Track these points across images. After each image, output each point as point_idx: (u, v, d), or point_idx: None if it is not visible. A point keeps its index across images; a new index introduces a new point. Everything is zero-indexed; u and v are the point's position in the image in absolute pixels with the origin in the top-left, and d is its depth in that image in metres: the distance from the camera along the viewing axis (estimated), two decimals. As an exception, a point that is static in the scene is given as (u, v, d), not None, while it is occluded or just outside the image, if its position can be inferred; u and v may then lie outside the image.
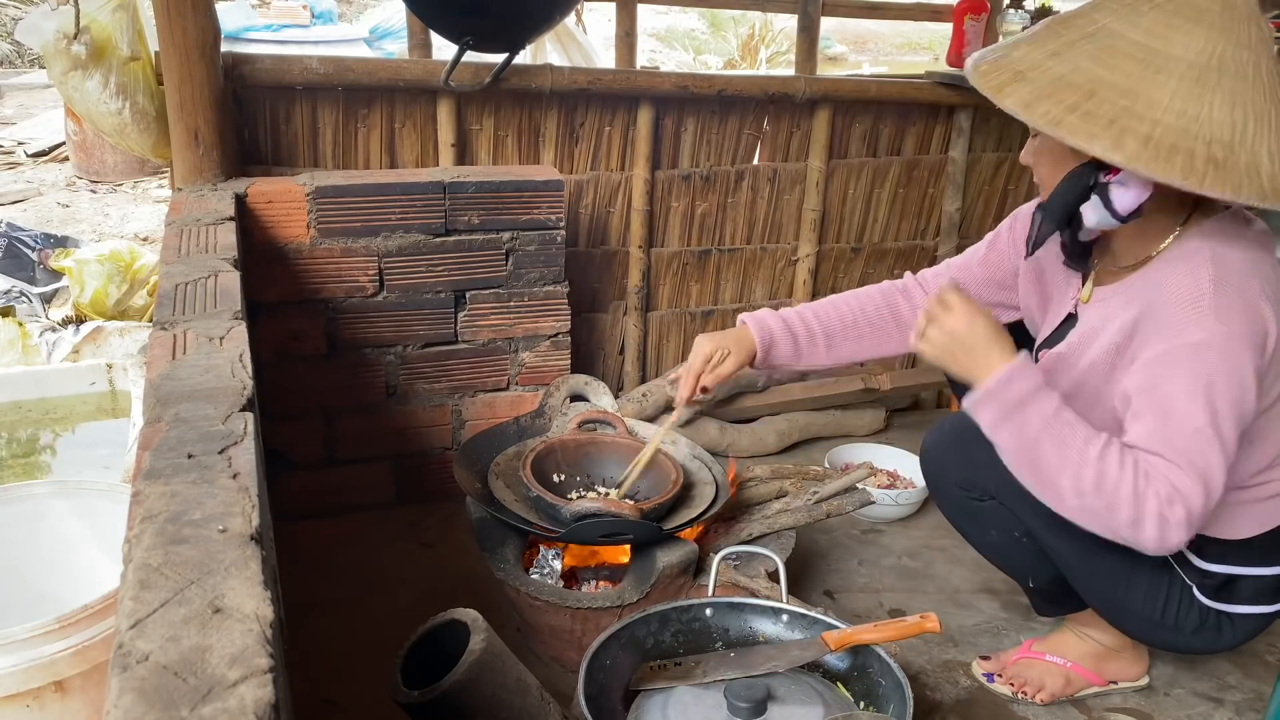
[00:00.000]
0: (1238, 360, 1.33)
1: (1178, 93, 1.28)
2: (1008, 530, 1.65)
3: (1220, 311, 1.34)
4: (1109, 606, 1.63)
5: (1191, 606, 1.55)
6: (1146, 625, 1.60)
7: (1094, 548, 1.48)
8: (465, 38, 2.17)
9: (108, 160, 5.45)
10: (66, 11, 2.05)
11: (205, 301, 1.47)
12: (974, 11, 2.70)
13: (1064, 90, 1.32)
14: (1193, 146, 1.26)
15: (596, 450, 1.99)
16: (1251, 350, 1.34)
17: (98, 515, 1.73)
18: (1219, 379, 1.32)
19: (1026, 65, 1.37)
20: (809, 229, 2.77)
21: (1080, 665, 1.79)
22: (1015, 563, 1.73)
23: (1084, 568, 1.59)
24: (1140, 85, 1.29)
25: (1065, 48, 1.35)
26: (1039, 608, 1.81)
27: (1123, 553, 1.43)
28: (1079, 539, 1.46)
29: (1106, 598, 1.61)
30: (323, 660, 1.79)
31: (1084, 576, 1.61)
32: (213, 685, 0.71)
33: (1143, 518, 1.31)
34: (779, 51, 9.94)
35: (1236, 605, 1.55)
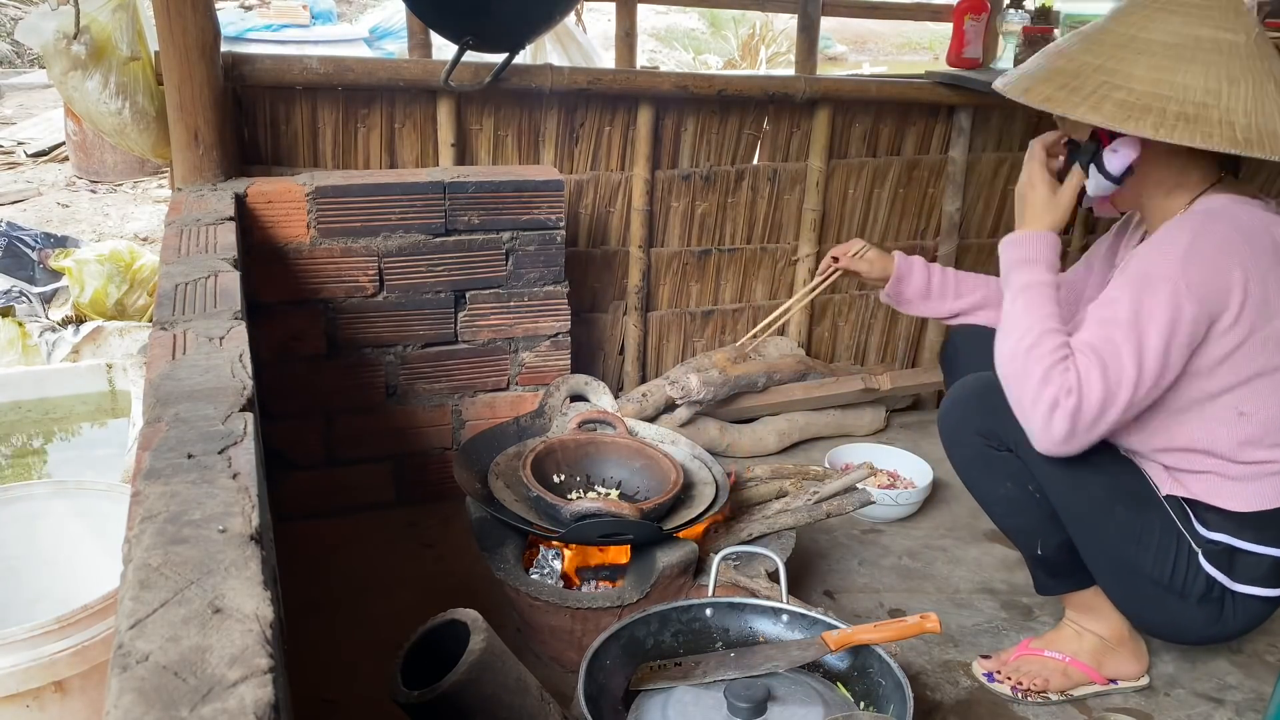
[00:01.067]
0: (1180, 305, 1.46)
1: (1152, 66, 1.46)
2: (1022, 483, 1.66)
3: (1186, 260, 1.47)
4: (1117, 569, 1.63)
5: (1199, 573, 1.58)
6: (1155, 589, 1.60)
7: (1106, 503, 1.58)
8: (465, 38, 2.17)
9: (108, 160, 5.45)
10: (66, 11, 2.05)
11: (205, 301, 1.47)
12: (974, 11, 2.70)
13: (1057, 76, 1.53)
14: (1164, 106, 1.43)
15: (596, 450, 1.99)
16: (1199, 305, 1.46)
17: (98, 515, 1.73)
18: (1157, 312, 1.46)
19: (1033, 67, 1.59)
20: (809, 229, 2.77)
21: (1078, 660, 1.79)
22: (1025, 522, 1.71)
23: (1095, 523, 1.61)
24: (1119, 64, 1.48)
25: (1067, 47, 1.57)
26: (1041, 584, 1.80)
27: (1134, 510, 1.57)
28: (1093, 494, 1.59)
29: (1116, 558, 1.62)
30: (323, 660, 1.79)
31: (1094, 534, 1.62)
32: (213, 685, 0.71)
33: (1040, 399, 1.48)
34: (779, 52, 9.94)
35: (1237, 582, 1.57)
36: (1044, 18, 2.66)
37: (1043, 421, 1.48)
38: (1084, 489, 1.60)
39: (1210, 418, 1.55)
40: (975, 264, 2.98)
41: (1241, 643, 1.97)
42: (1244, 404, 1.54)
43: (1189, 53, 1.46)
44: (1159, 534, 1.59)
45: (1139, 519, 1.59)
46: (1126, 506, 1.58)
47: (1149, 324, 1.47)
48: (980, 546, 2.29)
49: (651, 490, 1.89)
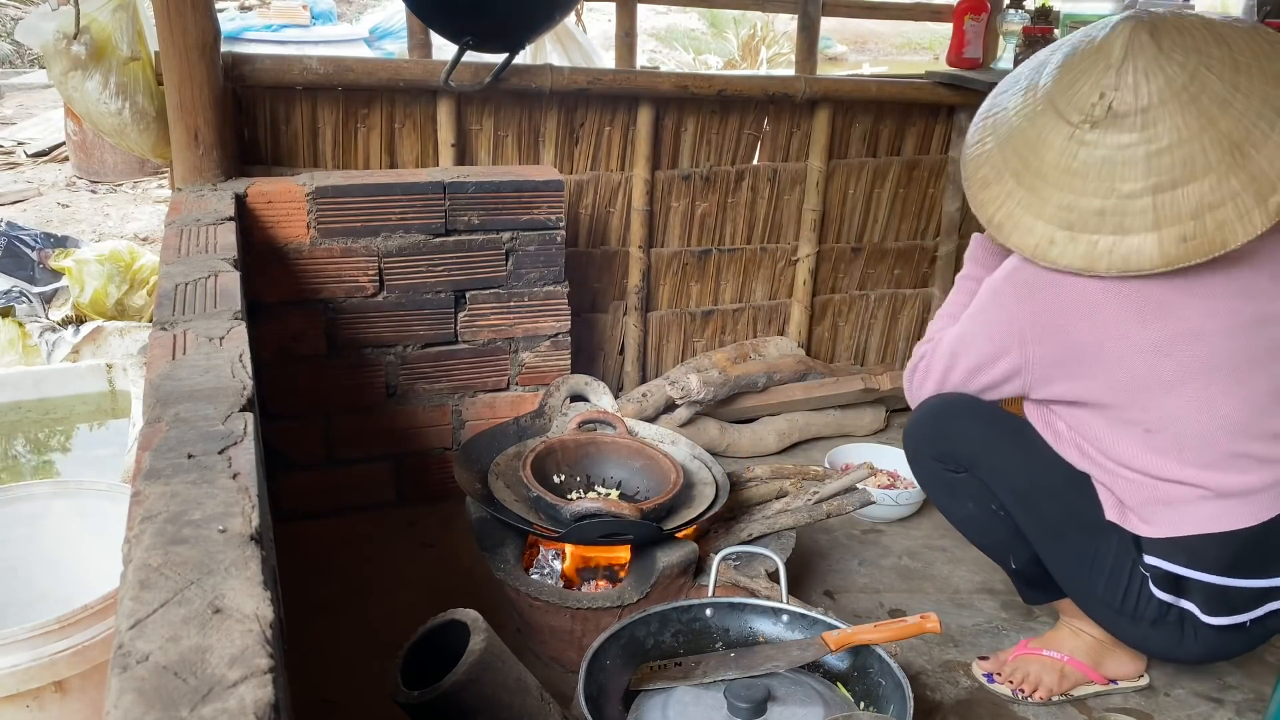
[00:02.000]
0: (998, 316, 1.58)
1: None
2: (984, 503, 1.68)
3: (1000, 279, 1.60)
4: (1076, 589, 1.64)
5: (1151, 599, 1.55)
6: (1109, 613, 1.61)
7: (1059, 526, 1.59)
8: (465, 38, 2.17)
9: (108, 160, 5.45)
10: (66, 11, 2.05)
11: (205, 301, 1.47)
12: (974, 11, 2.70)
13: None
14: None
15: (596, 450, 1.99)
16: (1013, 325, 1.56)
17: (98, 515, 1.73)
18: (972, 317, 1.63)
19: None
20: (809, 229, 2.77)
21: (1075, 659, 1.79)
22: (993, 539, 1.73)
23: (1051, 546, 1.63)
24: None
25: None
26: (1025, 594, 1.82)
27: (1086, 534, 1.56)
28: (1045, 516, 1.60)
29: (1072, 579, 1.63)
30: (323, 660, 1.79)
31: (1052, 557, 1.64)
32: (213, 685, 0.71)
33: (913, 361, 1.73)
34: (779, 52, 9.94)
35: (1195, 609, 1.53)
36: (1044, 18, 2.66)
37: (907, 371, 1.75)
38: (1037, 511, 1.61)
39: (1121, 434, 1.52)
40: (975, 264, 2.98)
41: (1241, 643, 1.97)
42: (1146, 420, 1.50)
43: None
44: (1111, 559, 1.56)
45: (1090, 543, 1.57)
46: (1079, 530, 1.57)
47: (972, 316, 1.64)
48: (980, 546, 2.29)
49: (651, 490, 1.89)
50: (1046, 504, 1.60)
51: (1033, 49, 2.63)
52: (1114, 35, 1.46)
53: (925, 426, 1.72)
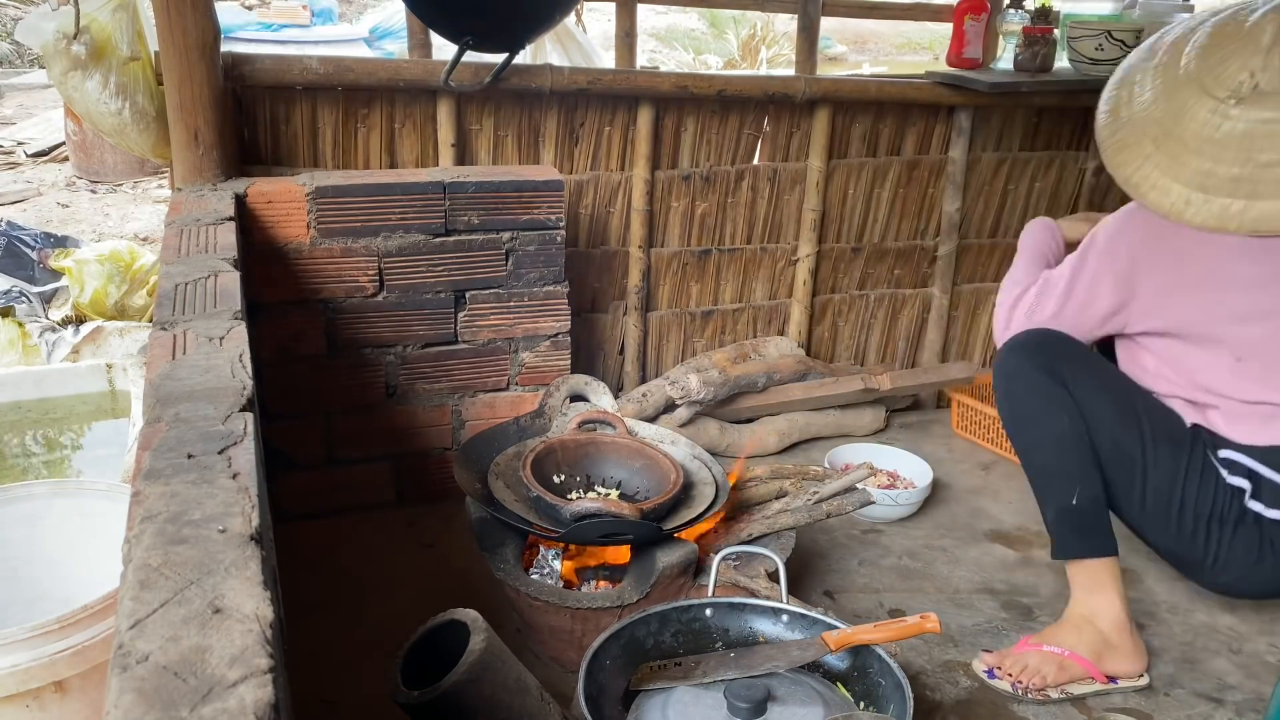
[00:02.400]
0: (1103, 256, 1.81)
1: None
2: (1076, 421, 1.81)
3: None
4: (1161, 506, 1.79)
5: (1230, 495, 1.75)
6: (1196, 523, 1.77)
7: (1154, 439, 1.78)
8: (465, 38, 2.17)
9: (108, 160, 5.45)
10: (66, 11, 2.05)
11: (205, 301, 1.47)
12: (974, 11, 2.70)
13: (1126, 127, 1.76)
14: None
15: (596, 450, 1.99)
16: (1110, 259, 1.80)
17: (98, 515, 1.73)
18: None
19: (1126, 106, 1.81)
20: (809, 229, 2.77)
21: (1076, 653, 1.80)
22: (1069, 464, 1.82)
23: (1144, 459, 1.79)
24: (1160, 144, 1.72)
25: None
26: (1064, 544, 1.85)
27: (1177, 444, 1.78)
28: (1142, 430, 1.79)
29: (1159, 495, 1.78)
30: (323, 660, 1.79)
31: (1140, 473, 1.79)
32: (213, 685, 0.71)
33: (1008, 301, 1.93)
34: (779, 52, 9.94)
35: (1266, 507, 1.73)
36: (1044, 18, 2.66)
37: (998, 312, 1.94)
38: (1136, 425, 1.79)
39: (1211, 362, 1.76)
40: (975, 264, 2.98)
41: (1241, 642, 1.97)
42: (1238, 350, 1.74)
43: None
44: (1200, 466, 1.76)
45: (1181, 452, 1.77)
46: (1169, 444, 1.78)
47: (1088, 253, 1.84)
48: (980, 546, 2.29)
49: (651, 490, 1.89)
50: (1144, 419, 1.80)
51: (1033, 49, 2.63)
52: (1265, 22, 1.64)
53: (1033, 343, 1.89)
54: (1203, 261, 1.73)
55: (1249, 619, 2.05)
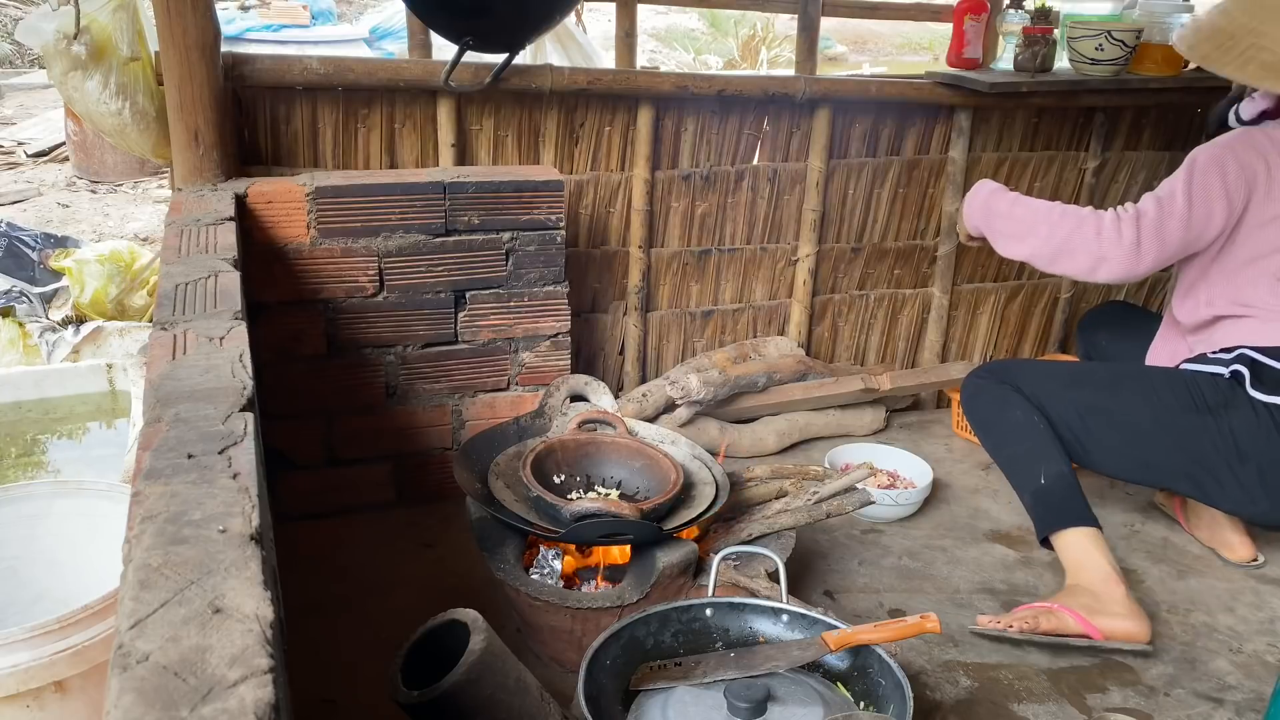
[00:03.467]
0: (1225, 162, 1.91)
1: None
2: (1029, 413, 1.97)
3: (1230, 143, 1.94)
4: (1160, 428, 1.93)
5: (1235, 389, 1.89)
6: (1182, 417, 1.91)
7: (1114, 380, 1.99)
8: (465, 38, 2.17)
9: (108, 160, 5.45)
10: (66, 12, 2.05)
11: (205, 301, 1.47)
12: (974, 11, 2.70)
13: (1218, 35, 1.90)
14: None
15: (596, 450, 1.99)
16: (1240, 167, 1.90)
17: (98, 515, 1.73)
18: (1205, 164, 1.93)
19: (1204, 22, 1.96)
20: (809, 229, 2.77)
21: (1066, 606, 1.86)
22: (1033, 446, 1.96)
23: (1110, 397, 1.96)
24: (1266, 25, 1.83)
25: (1232, 6, 1.92)
26: (1043, 521, 1.96)
27: (1139, 378, 1.97)
28: (1097, 380, 2.01)
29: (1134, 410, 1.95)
30: (323, 660, 1.79)
31: (1109, 409, 1.95)
32: (213, 685, 0.71)
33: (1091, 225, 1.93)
34: (779, 53, 9.94)
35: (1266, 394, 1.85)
36: (1044, 18, 2.65)
37: (1109, 236, 1.90)
38: (1083, 385, 1.99)
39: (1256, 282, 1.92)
40: (975, 263, 2.98)
41: (1241, 642, 1.97)
42: None
43: None
44: (1166, 376, 1.96)
45: (1140, 379, 1.97)
46: (1130, 377, 1.99)
47: (1197, 171, 1.91)
48: (980, 546, 2.29)
49: (651, 490, 1.89)
50: (1094, 374, 2.07)
51: (1033, 49, 2.63)
52: None
53: (985, 370, 2.12)
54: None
55: (1249, 619, 2.05)
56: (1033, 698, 1.80)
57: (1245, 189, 1.89)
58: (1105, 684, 1.84)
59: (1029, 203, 2.05)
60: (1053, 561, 2.22)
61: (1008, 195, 2.09)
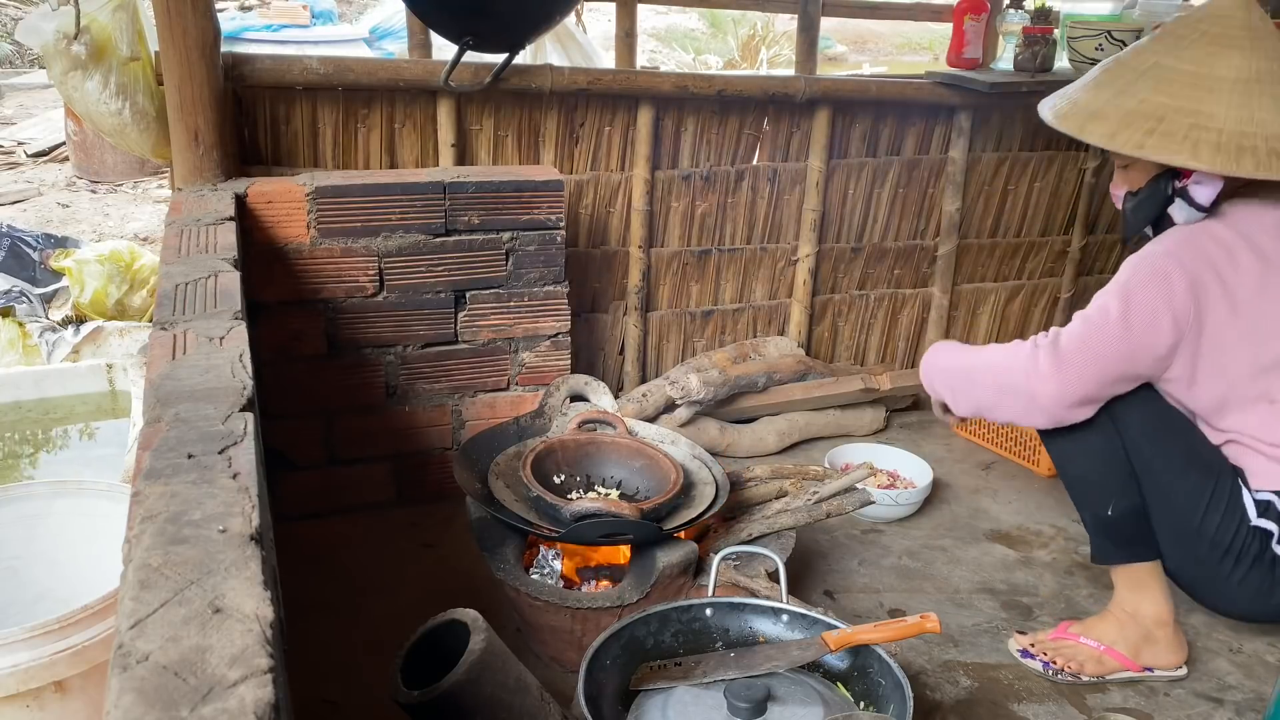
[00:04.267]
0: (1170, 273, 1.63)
1: (1230, 104, 1.59)
2: (1110, 439, 1.74)
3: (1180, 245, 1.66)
4: (1183, 530, 1.72)
5: (1252, 534, 1.68)
6: (1212, 553, 1.70)
7: (1183, 466, 1.71)
8: (465, 38, 2.17)
9: (108, 160, 5.45)
10: (66, 12, 2.05)
11: (205, 301, 1.47)
12: (974, 11, 2.70)
13: (1138, 120, 1.64)
14: (1255, 144, 1.57)
15: (596, 450, 1.99)
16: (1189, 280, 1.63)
17: (98, 515, 1.73)
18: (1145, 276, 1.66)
19: (1099, 105, 1.70)
20: (809, 229, 2.77)
21: (1115, 650, 1.82)
22: (1106, 477, 1.76)
23: (1171, 483, 1.72)
24: (1199, 104, 1.60)
25: (1127, 85, 1.69)
26: (1102, 551, 1.83)
27: (1205, 475, 1.70)
28: (1172, 453, 1.72)
29: (1183, 518, 1.71)
30: (323, 660, 1.79)
31: (1166, 494, 1.72)
32: (213, 685, 0.71)
33: (1017, 359, 1.69)
34: (779, 53, 9.93)
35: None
36: (1044, 18, 2.66)
37: (1027, 368, 1.67)
38: (1165, 447, 1.72)
39: (1245, 410, 1.68)
40: (975, 264, 2.98)
41: (1241, 642, 1.97)
42: (1273, 391, 1.66)
43: (1257, 87, 1.60)
44: (1226, 497, 1.69)
45: (1207, 483, 1.70)
46: (1200, 472, 1.70)
47: (1138, 285, 1.65)
48: (980, 546, 2.29)
49: (651, 490, 1.89)
50: (1175, 441, 1.72)
51: (1033, 49, 2.63)
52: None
53: None
54: (1248, 303, 1.64)
55: (1249, 619, 2.05)
56: (1033, 698, 1.80)
57: (1194, 305, 1.63)
58: (1105, 684, 1.84)
59: (974, 352, 1.81)
60: (1053, 562, 2.22)
61: (956, 347, 1.87)
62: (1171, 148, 1.59)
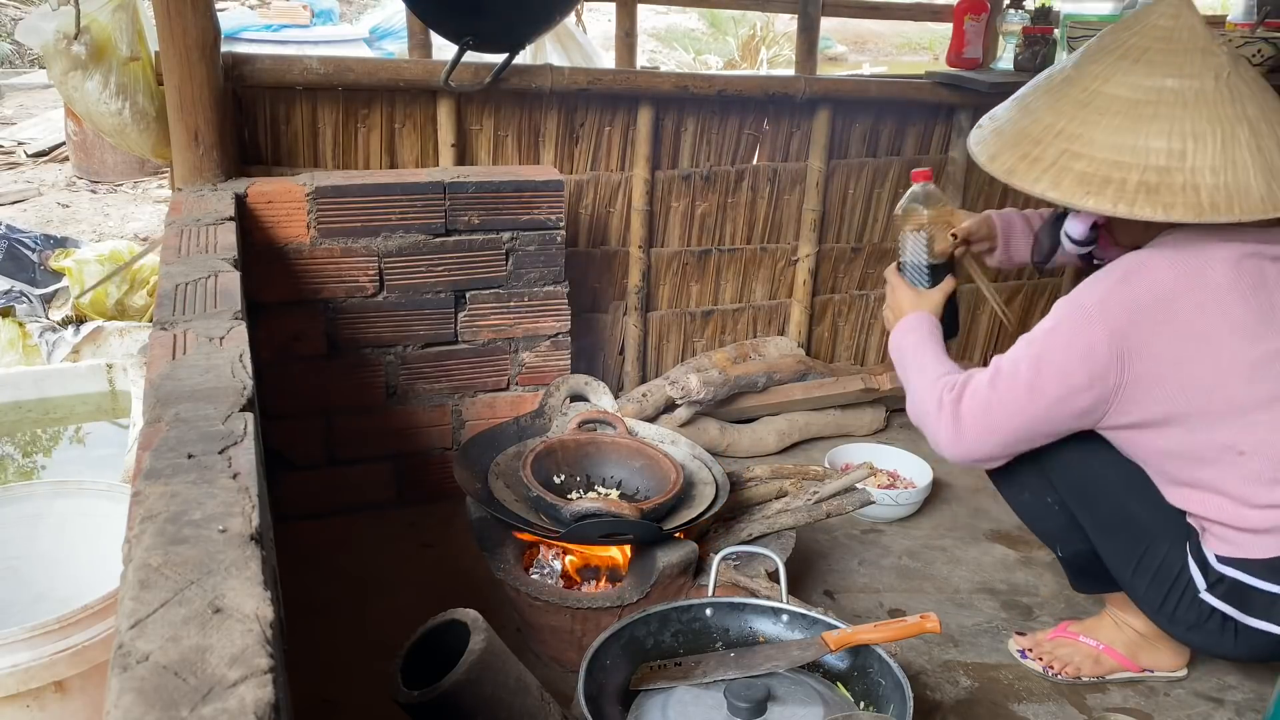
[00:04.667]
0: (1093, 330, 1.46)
1: (1113, 128, 1.42)
2: (1040, 494, 1.68)
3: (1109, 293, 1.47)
4: (1124, 584, 1.65)
5: (1192, 604, 1.54)
6: (1149, 609, 1.62)
7: (1111, 526, 1.59)
8: (465, 38, 2.17)
9: (108, 160, 5.45)
10: (66, 12, 2.05)
11: (205, 301, 1.47)
12: (974, 11, 2.70)
13: (1023, 142, 1.49)
14: (1125, 176, 1.39)
15: (596, 450, 1.99)
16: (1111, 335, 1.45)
17: (98, 515, 1.73)
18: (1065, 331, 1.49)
19: (1005, 122, 1.56)
20: (809, 229, 2.77)
21: (1113, 649, 1.82)
22: (1046, 527, 1.73)
23: (1102, 543, 1.63)
24: (1081, 127, 1.44)
25: (1033, 100, 1.54)
26: (1073, 581, 1.83)
27: (1136, 538, 1.57)
28: (1099, 514, 1.60)
29: (1119, 576, 1.64)
30: (323, 660, 1.79)
31: (1103, 549, 1.64)
32: (213, 685, 0.71)
33: (928, 409, 1.58)
34: (780, 53, 9.93)
35: (1249, 616, 1.50)
36: (1044, 18, 2.66)
37: (935, 414, 1.56)
38: (1092, 508, 1.61)
39: (1211, 462, 1.48)
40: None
41: (1241, 643, 1.97)
42: (1240, 442, 1.45)
43: (1151, 109, 1.42)
44: (1157, 564, 1.56)
45: (1138, 546, 1.57)
46: (1130, 534, 1.58)
47: (1054, 340, 1.49)
48: (980, 546, 2.29)
49: (652, 490, 1.89)
50: (1102, 503, 1.60)
51: (1033, 49, 2.63)
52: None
53: None
54: (1202, 342, 1.45)
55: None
56: (1033, 698, 1.80)
57: (1119, 359, 1.46)
58: (1105, 684, 1.84)
59: (914, 363, 1.67)
60: (1053, 562, 2.22)
61: (917, 342, 1.70)
62: (1034, 175, 1.45)
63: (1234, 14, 3.14)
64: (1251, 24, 2.85)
